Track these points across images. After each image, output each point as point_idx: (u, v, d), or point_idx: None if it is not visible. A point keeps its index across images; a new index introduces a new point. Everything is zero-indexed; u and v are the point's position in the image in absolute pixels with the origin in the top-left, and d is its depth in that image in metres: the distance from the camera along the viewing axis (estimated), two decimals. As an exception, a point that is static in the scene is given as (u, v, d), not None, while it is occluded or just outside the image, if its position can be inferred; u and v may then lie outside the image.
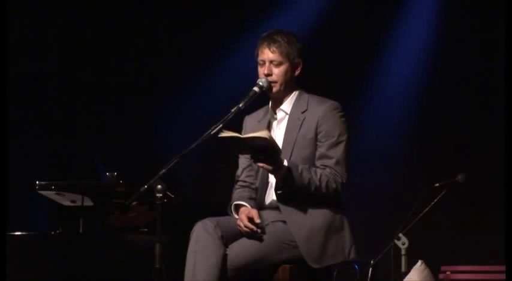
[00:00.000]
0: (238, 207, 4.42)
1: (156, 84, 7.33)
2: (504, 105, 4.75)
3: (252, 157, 4.26)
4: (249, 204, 4.39)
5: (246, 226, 4.25)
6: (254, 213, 4.29)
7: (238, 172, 4.59)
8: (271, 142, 4.17)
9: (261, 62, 4.45)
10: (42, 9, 7.19)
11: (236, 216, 4.37)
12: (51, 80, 7.29)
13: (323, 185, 4.29)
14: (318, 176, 4.29)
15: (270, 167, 4.23)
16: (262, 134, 4.14)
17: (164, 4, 7.31)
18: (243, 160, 4.56)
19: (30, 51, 7.19)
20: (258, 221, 4.26)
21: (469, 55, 6.84)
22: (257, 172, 4.47)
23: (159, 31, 7.32)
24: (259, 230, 4.26)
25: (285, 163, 4.26)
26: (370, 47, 7.08)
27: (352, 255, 4.35)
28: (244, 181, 4.54)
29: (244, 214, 4.30)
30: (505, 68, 4.86)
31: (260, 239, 4.26)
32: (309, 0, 7.21)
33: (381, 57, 7.12)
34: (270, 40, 4.43)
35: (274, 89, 4.44)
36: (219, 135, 4.14)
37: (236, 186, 4.57)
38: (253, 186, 4.50)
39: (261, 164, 4.23)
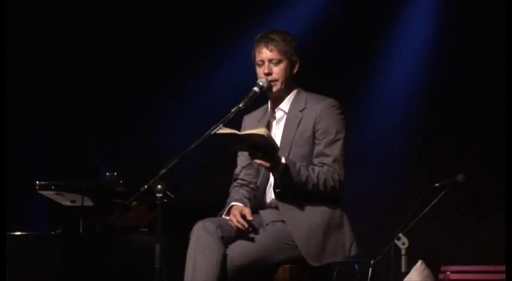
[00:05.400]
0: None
1: (156, 84, 7.32)
2: (504, 105, 4.75)
3: (249, 154, 4.25)
4: (243, 204, 4.37)
5: (238, 221, 4.24)
6: (247, 211, 4.28)
7: (237, 170, 4.58)
8: (268, 138, 4.16)
9: (259, 63, 4.44)
10: (42, 9, 7.19)
11: (227, 217, 4.34)
12: (51, 80, 7.29)
13: (321, 182, 4.29)
14: (316, 174, 4.28)
15: (267, 164, 4.22)
16: (260, 131, 4.14)
17: (164, 4, 7.31)
18: (242, 158, 4.55)
19: (30, 51, 7.18)
20: (250, 218, 4.25)
21: (469, 55, 6.83)
22: (258, 171, 4.47)
23: (159, 31, 7.31)
24: (250, 229, 4.26)
25: (283, 160, 4.25)
26: (370, 46, 7.08)
27: (353, 252, 4.34)
28: (243, 179, 4.53)
29: (238, 210, 4.29)
30: (505, 68, 4.86)
31: (260, 240, 4.25)
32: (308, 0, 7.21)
33: (381, 57, 7.11)
34: (267, 39, 4.42)
35: (275, 88, 4.43)
36: (217, 132, 4.12)
37: (234, 184, 4.55)
38: (252, 185, 4.49)
39: (258, 161, 4.22)
